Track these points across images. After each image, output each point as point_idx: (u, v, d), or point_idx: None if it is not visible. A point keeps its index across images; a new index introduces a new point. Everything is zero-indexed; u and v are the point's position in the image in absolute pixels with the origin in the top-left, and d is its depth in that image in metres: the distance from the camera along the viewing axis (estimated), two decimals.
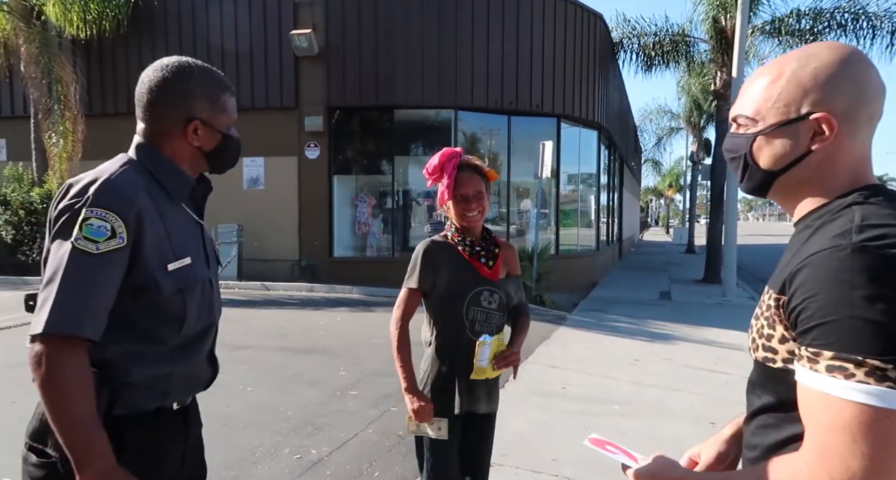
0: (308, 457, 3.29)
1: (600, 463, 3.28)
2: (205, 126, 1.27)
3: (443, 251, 1.95)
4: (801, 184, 0.88)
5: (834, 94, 0.83)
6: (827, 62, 0.85)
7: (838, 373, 0.70)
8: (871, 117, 0.85)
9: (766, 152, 0.89)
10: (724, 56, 11.94)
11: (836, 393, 0.70)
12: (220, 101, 1.30)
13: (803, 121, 0.85)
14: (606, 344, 6.35)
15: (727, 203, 10.47)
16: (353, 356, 5.57)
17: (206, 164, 1.34)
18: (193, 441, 1.39)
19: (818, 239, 0.79)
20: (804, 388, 0.75)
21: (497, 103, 10.56)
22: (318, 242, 10.61)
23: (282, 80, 10.52)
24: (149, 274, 1.16)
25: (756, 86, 0.90)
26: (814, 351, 0.73)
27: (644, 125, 26.12)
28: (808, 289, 0.75)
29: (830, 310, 0.72)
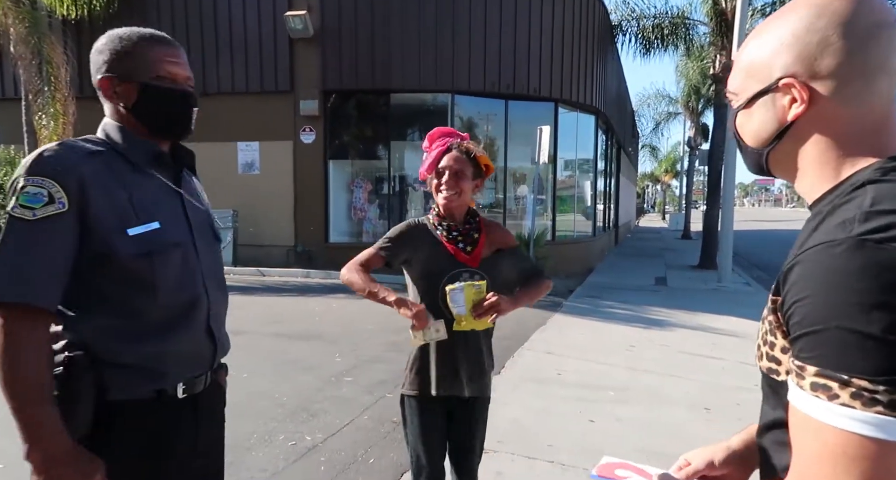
0: (303, 444, 3.28)
1: (596, 450, 3.28)
2: (119, 80, 1.21)
3: (421, 233, 1.94)
4: (800, 162, 0.74)
5: (805, 52, 0.70)
6: (799, 13, 0.71)
7: (822, 393, 0.59)
8: (875, 70, 0.68)
9: (747, 128, 0.79)
10: (724, 39, 11.82)
11: (819, 415, 0.59)
12: (130, 50, 1.21)
13: (775, 89, 0.72)
14: (602, 330, 6.35)
15: (724, 188, 10.43)
16: (348, 342, 5.56)
17: (141, 125, 1.23)
18: (207, 434, 1.33)
19: (823, 228, 0.66)
20: (791, 406, 0.64)
21: (494, 87, 10.45)
22: (313, 228, 10.56)
23: (276, 62, 10.37)
24: (103, 239, 1.13)
25: (739, 56, 0.79)
26: (799, 365, 0.62)
27: (642, 110, 25.98)
28: (798, 291, 0.63)
29: (817, 318, 0.60)
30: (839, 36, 0.68)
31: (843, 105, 0.69)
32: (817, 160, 0.72)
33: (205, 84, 10.57)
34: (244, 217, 10.41)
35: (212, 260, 1.35)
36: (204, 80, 10.56)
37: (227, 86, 10.52)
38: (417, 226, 1.96)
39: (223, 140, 10.54)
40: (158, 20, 10.56)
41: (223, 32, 10.45)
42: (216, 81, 10.53)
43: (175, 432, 1.23)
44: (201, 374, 1.30)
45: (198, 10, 10.44)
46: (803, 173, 0.75)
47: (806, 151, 0.73)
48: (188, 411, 1.26)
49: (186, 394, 1.24)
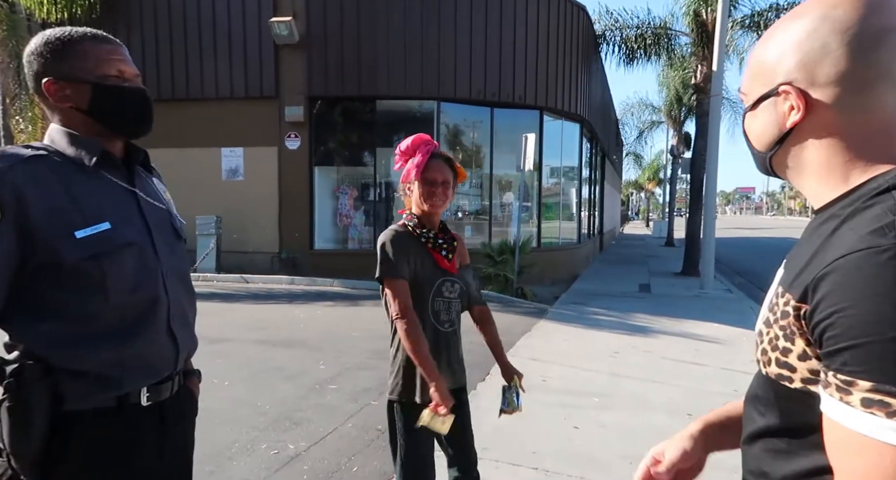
0: (285, 452, 3.24)
1: (580, 455, 3.29)
2: (66, 81, 1.17)
3: (409, 241, 1.93)
4: (803, 167, 0.74)
5: (806, 59, 0.69)
6: (804, 17, 0.70)
7: (878, 409, 0.55)
8: (879, 78, 0.67)
9: (752, 131, 0.79)
10: (705, 49, 12.03)
11: (875, 434, 0.56)
12: (75, 51, 1.18)
13: (776, 95, 0.72)
14: (587, 337, 6.38)
15: (706, 196, 10.58)
16: (333, 349, 5.51)
17: (100, 127, 1.21)
18: (175, 442, 1.31)
19: (849, 234, 0.63)
20: (833, 423, 0.60)
21: (480, 94, 10.51)
22: (298, 234, 10.49)
23: (261, 68, 10.33)
24: (47, 246, 1.09)
25: (750, 56, 0.79)
26: (845, 380, 0.58)
27: (626, 118, 26.29)
28: (838, 301, 0.59)
29: (867, 330, 0.57)
30: (840, 43, 0.67)
31: (844, 113, 0.68)
32: (822, 166, 0.71)
33: (188, 89, 10.50)
34: (228, 223, 10.31)
35: (173, 259, 1.32)
36: (188, 85, 10.49)
37: (212, 92, 10.45)
38: (402, 235, 1.93)
39: (207, 145, 10.46)
40: (141, 24, 10.48)
41: (207, 37, 10.39)
42: (200, 86, 10.46)
43: (139, 441, 1.20)
44: (167, 380, 1.26)
45: (182, 14, 10.38)
46: (808, 177, 0.74)
47: (809, 157, 0.72)
48: (154, 418, 1.23)
49: (151, 402, 1.21)
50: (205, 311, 6.11)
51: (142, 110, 1.25)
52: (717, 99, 10.21)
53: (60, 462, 1.09)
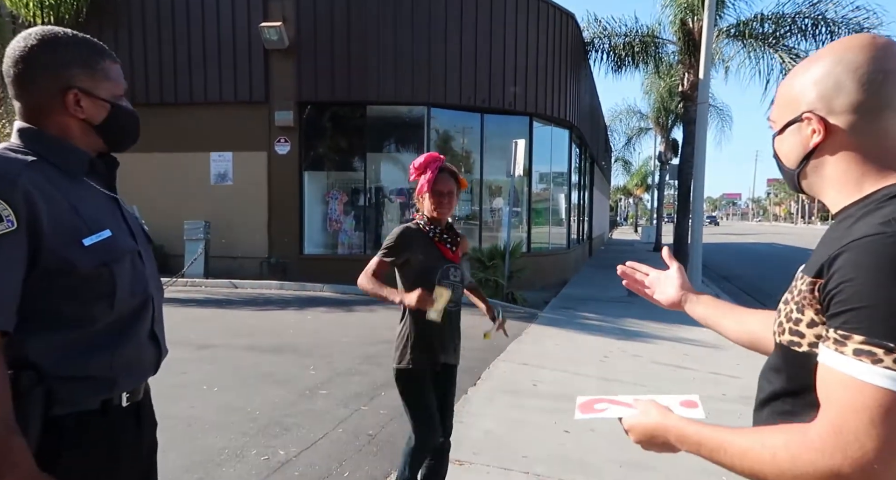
0: (276, 458, 3.22)
1: (570, 459, 3.30)
2: (87, 96, 1.19)
3: (417, 235, 2.39)
4: (824, 180, 0.90)
5: (824, 92, 0.85)
6: (822, 60, 0.87)
7: (866, 358, 0.70)
8: (884, 108, 0.82)
9: (782, 152, 0.95)
10: (692, 58, 12.21)
11: (861, 376, 0.70)
12: (100, 68, 1.22)
13: (799, 122, 0.89)
14: (577, 341, 6.41)
15: (694, 202, 10.69)
16: (323, 355, 5.49)
17: (101, 140, 1.24)
18: (147, 442, 1.34)
19: (862, 226, 0.78)
20: (826, 368, 0.76)
21: (470, 100, 10.56)
22: (287, 239, 10.44)
23: (251, 73, 10.30)
24: (58, 254, 1.09)
25: (779, 91, 0.95)
26: (843, 334, 0.73)
27: (614, 125, 26.56)
28: (846, 273, 0.75)
29: (866, 296, 0.72)
30: (851, 80, 0.83)
31: (857, 135, 0.84)
32: (838, 178, 0.87)
33: (177, 93, 10.44)
34: (217, 228, 10.25)
35: (151, 264, 1.35)
36: (176, 90, 10.43)
37: (200, 96, 10.40)
38: (413, 229, 2.40)
39: (196, 150, 10.40)
40: (129, 28, 10.42)
41: (196, 42, 10.34)
42: (189, 91, 10.41)
43: (121, 441, 1.22)
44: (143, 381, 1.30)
45: (170, 18, 10.32)
46: (828, 189, 0.90)
47: (828, 171, 0.89)
48: (132, 420, 1.26)
49: (130, 402, 1.24)
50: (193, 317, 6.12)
51: (137, 131, 1.32)
52: (704, 106, 10.34)
53: (55, 468, 1.09)
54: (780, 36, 12.18)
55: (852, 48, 0.85)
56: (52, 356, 1.10)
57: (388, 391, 4.47)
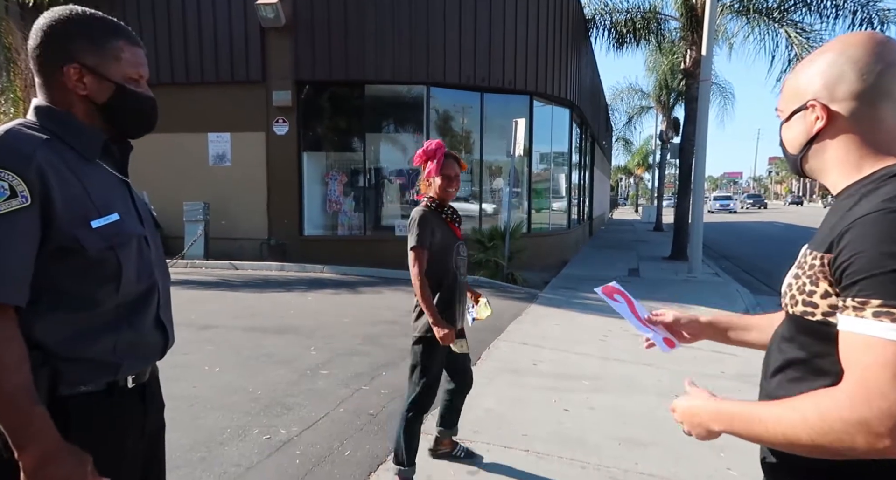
0: (277, 437, 3.25)
1: (570, 437, 3.33)
2: (91, 73, 1.17)
3: (433, 217, 2.64)
4: (826, 163, 0.98)
5: (827, 82, 0.94)
6: (827, 54, 0.96)
7: (885, 318, 0.77)
8: (881, 97, 0.91)
9: (787, 138, 1.03)
10: (695, 34, 12.00)
11: (882, 334, 0.77)
12: (111, 47, 1.19)
13: (804, 109, 0.98)
14: (577, 321, 6.43)
15: (694, 182, 10.63)
16: (324, 335, 5.52)
17: (104, 121, 1.22)
18: (153, 422, 1.34)
19: (865, 204, 0.85)
20: (847, 333, 0.82)
21: (470, 79, 10.43)
22: (287, 220, 10.43)
23: (247, 52, 10.16)
24: (67, 233, 1.09)
25: (786, 83, 1.04)
26: (861, 301, 0.80)
27: (615, 104, 26.24)
28: (857, 246, 0.82)
29: (877, 264, 0.79)
30: (852, 71, 0.92)
31: (856, 121, 0.93)
32: (840, 161, 0.95)
33: (174, 73, 10.31)
34: (216, 209, 10.22)
35: (158, 249, 1.34)
36: (172, 70, 10.30)
37: (197, 76, 10.28)
38: (429, 213, 2.63)
39: (193, 131, 10.31)
40: (123, 6, 10.24)
41: (192, 20, 10.18)
42: (185, 71, 10.28)
43: (127, 422, 1.23)
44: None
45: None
46: (829, 171, 0.98)
47: (830, 155, 0.97)
48: (137, 400, 1.26)
49: (135, 384, 1.24)
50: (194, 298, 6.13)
51: (149, 118, 1.28)
52: (707, 84, 10.21)
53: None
54: (786, 10, 11.94)
55: (854, 43, 0.94)
56: (57, 337, 1.10)
57: (388, 371, 4.50)
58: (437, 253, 2.61)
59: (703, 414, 0.99)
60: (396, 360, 4.78)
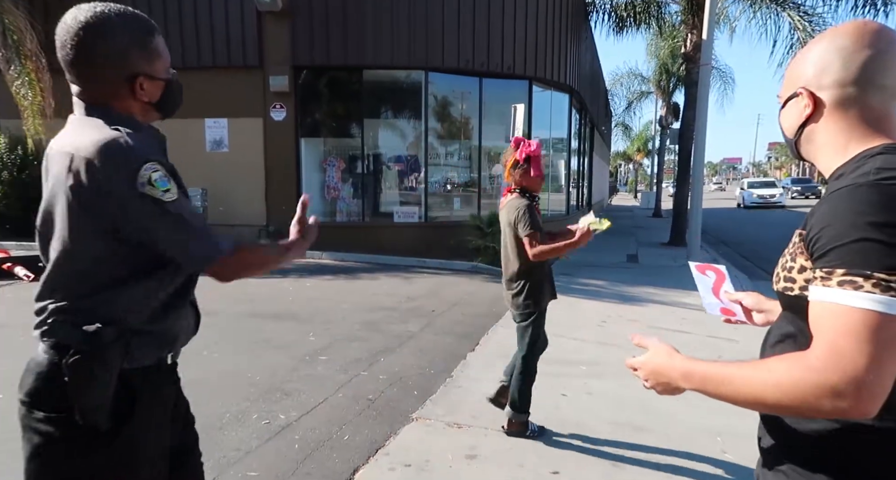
0: (276, 422, 3.27)
1: (568, 422, 3.35)
2: (147, 78, 1.26)
3: (532, 206, 3.05)
4: (819, 147, 1.02)
5: (816, 70, 0.99)
6: (819, 43, 1.01)
7: (849, 286, 0.81)
8: (865, 84, 0.95)
9: (784, 124, 1.09)
10: (695, 18, 11.88)
11: (847, 301, 0.81)
12: (153, 47, 1.28)
13: (796, 96, 1.03)
14: (575, 307, 6.45)
15: (694, 167, 10.60)
16: (322, 321, 5.53)
17: (156, 114, 1.36)
18: (182, 399, 1.48)
19: (843, 180, 0.91)
20: (816, 302, 0.86)
21: (468, 64, 10.33)
22: (285, 207, 10.37)
23: (244, 36, 10.05)
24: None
25: (786, 71, 1.09)
26: (828, 270, 0.84)
27: (615, 89, 26.06)
28: (826, 220, 0.86)
29: (843, 235, 0.83)
30: (838, 59, 0.97)
31: (841, 108, 0.98)
32: (829, 144, 1.00)
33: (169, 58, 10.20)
34: (213, 196, 10.18)
35: None
36: None
37: (193, 61, 10.17)
38: (529, 203, 3.04)
39: (189, 116, 10.22)
40: None
41: (188, 4, 10.05)
42: (181, 55, 10.15)
43: (168, 395, 1.36)
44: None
45: None
46: (821, 154, 1.02)
47: (819, 138, 1.02)
48: (174, 376, 1.40)
49: (172, 361, 1.37)
50: None
51: (181, 96, 1.42)
52: (707, 68, 10.13)
53: (129, 417, 1.22)
54: None
55: (842, 32, 0.98)
56: (134, 312, 1.23)
57: (387, 356, 4.52)
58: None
59: (673, 373, 1.02)
60: (395, 346, 4.80)
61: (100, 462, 1.19)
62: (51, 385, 1.17)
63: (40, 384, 1.19)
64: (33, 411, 1.19)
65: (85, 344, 1.15)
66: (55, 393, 1.17)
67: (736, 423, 3.30)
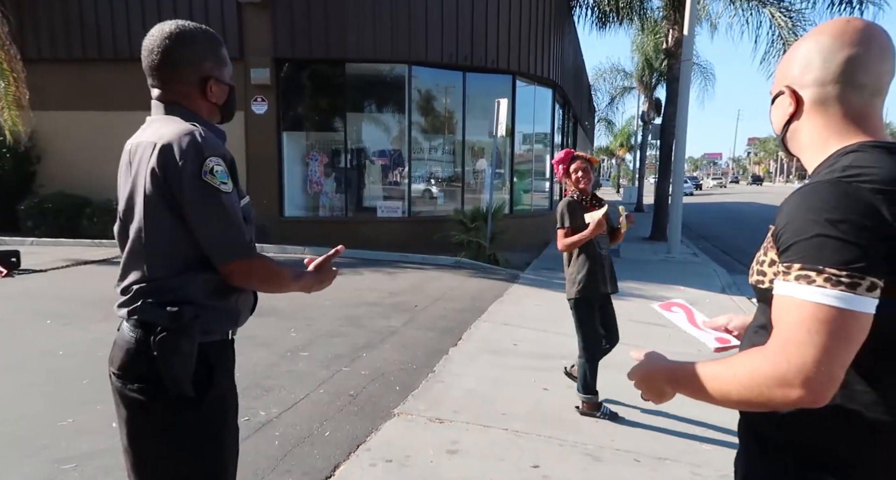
0: (256, 419, 3.24)
1: (549, 416, 3.37)
2: (217, 83, 1.46)
3: (576, 204, 3.39)
4: (802, 144, 1.05)
5: (799, 68, 1.02)
6: (805, 42, 1.03)
7: (803, 280, 0.85)
8: (844, 83, 0.96)
9: (773, 120, 1.11)
10: (677, 14, 11.96)
11: (800, 295, 0.85)
12: (222, 55, 1.48)
13: (781, 93, 1.05)
14: (557, 301, 6.48)
15: (675, 163, 10.70)
16: (304, 317, 5.49)
17: (219, 116, 1.53)
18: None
19: (814, 178, 0.95)
20: (777, 296, 0.90)
21: (452, 57, 10.29)
22: (267, 201, 10.28)
23: (224, 27, 9.88)
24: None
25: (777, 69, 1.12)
26: (787, 265, 0.88)
27: (598, 84, 26.13)
28: (790, 215, 0.90)
29: (802, 231, 0.87)
30: (818, 58, 0.99)
31: (822, 106, 1.00)
32: (811, 141, 1.03)
33: None
34: None
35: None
36: None
37: None
38: (573, 201, 3.40)
39: None
40: None
41: None
42: None
43: (233, 365, 1.50)
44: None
45: None
46: (804, 151, 1.05)
47: (802, 136, 1.04)
48: (233, 349, 1.52)
49: (233, 336, 1.50)
50: None
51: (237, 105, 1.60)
52: (688, 64, 10.22)
53: (209, 387, 1.36)
54: None
55: (824, 31, 0.99)
56: (205, 292, 1.37)
57: (369, 352, 4.50)
58: (578, 231, 3.32)
59: (659, 378, 1.05)
60: (377, 342, 4.78)
61: (194, 423, 1.36)
62: (140, 358, 1.32)
63: (130, 358, 1.34)
64: (127, 383, 1.35)
65: (171, 322, 1.30)
66: (144, 365, 1.32)
67: (715, 416, 3.35)
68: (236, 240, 1.36)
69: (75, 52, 10.19)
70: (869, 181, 0.87)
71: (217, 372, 1.39)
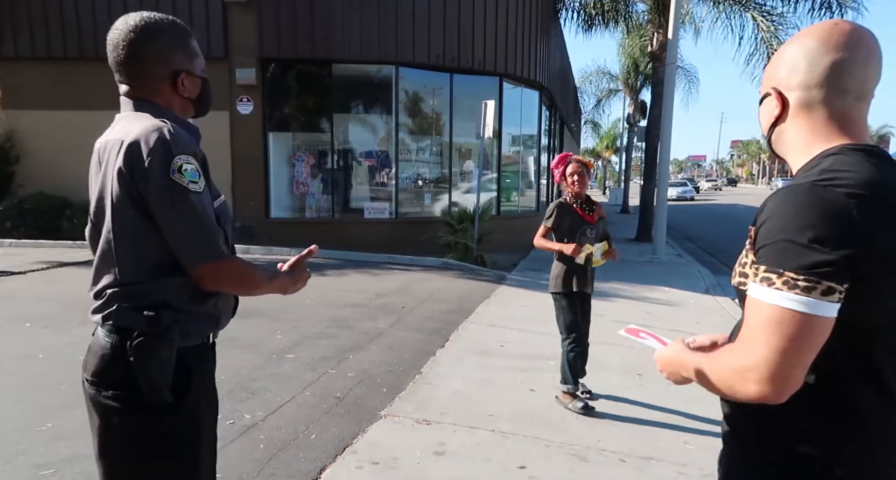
0: (241, 422, 3.21)
1: (536, 416, 3.38)
2: (188, 76, 1.40)
3: (565, 206, 3.56)
4: (788, 146, 1.06)
5: (785, 71, 1.02)
6: (792, 44, 1.03)
7: (765, 283, 0.89)
8: (829, 87, 0.97)
9: (760, 121, 1.12)
10: (661, 17, 12.09)
11: (760, 297, 0.89)
12: (192, 47, 1.41)
13: (769, 96, 1.06)
14: (544, 302, 6.49)
15: (660, 164, 10.80)
16: (290, 319, 5.45)
17: (193, 111, 1.46)
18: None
19: (792, 180, 0.97)
20: (747, 297, 0.94)
21: (439, 59, 10.29)
22: (253, 203, 10.20)
23: (209, 26, 9.79)
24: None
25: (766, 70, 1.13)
26: (756, 267, 0.92)
27: (584, 86, 26.31)
28: (765, 217, 0.92)
29: (772, 234, 0.90)
30: (804, 62, 0.99)
31: (806, 109, 1.01)
32: (795, 143, 1.04)
33: None
34: None
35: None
36: None
37: None
38: (563, 203, 3.58)
39: None
40: None
41: None
42: None
43: (212, 368, 1.47)
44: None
45: None
46: (789, 152, 1.06)
47: (787, 137, 1.05)
48: (213, 353, 1.48)
49: (213, 340, 1.46)
50: None
51: (213, 98, 1.52)
52: (672, 67, 10.33)
53: (186, 390, 1.32)
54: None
55: (812, 34, 1.00)
56: (183, 297, 1.33)
57: (355, 354, 4.48)
58: (566, 233, 3.53)
59: (675, 363, 1.11)
60: (364, 343, 4.76)
61: (170, 430, 1.31)
62: (115, 364, 1.28)
63: (105, 364, 1.30)
64: (101, 390, 1.30)
65: (149, 327, 1.26)
66: (120, 371, 1.27)
67: (700, 415, 3.38)
68: (204, 241, 1.30)
69: (55, 51, 10.04)
70: (844, 185, 0.88)
71: (195, 376, 1.35)
